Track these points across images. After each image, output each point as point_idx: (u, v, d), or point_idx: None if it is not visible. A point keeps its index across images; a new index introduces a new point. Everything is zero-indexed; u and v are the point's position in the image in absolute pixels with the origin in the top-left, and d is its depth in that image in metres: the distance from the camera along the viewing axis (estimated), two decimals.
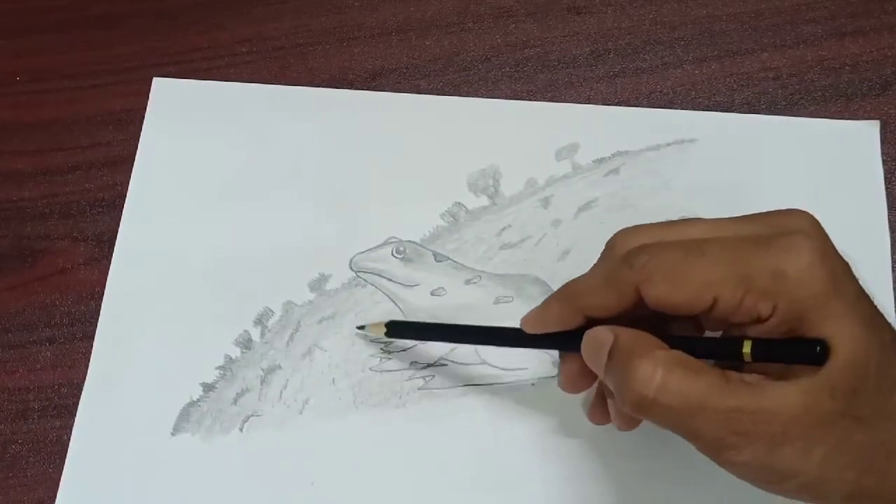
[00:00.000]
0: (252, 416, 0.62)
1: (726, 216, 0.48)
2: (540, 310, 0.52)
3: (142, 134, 0.71)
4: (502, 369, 0.62)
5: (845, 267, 0.45)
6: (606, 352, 0.47)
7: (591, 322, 0.49)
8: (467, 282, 0.65)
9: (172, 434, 0.62)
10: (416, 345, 0.63)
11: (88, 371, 0.64)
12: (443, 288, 0.65)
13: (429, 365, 0.63)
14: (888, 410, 0.43)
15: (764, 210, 0.48)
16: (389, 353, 0.63)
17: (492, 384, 0.62)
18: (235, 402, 0.63)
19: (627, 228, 0.49)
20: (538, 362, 0.62)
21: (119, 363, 0.64)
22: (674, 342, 0.46)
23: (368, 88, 0.72)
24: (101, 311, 0.66)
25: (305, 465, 0.61)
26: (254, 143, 0.70)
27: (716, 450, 0.44)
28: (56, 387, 0.64)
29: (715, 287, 0.44)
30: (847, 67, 0.71)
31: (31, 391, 0.65)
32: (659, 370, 0.44)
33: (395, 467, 0.61)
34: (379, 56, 0.73)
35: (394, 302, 0.65)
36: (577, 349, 0.50)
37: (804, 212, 0.47)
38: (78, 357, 0.65)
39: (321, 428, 0.62)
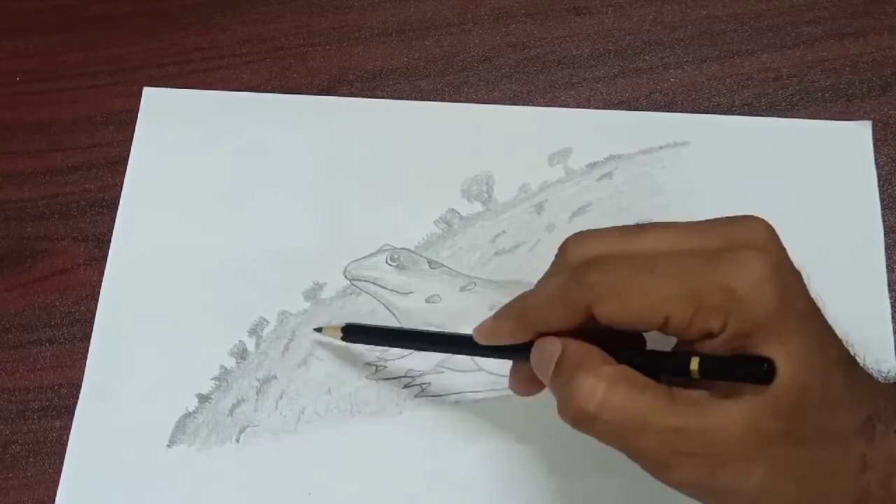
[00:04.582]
0: (248, 426, 0.62)
1: (689, 220, 0.47)
2: (492, 323, 0.51)
3: (133, 144, 0.71)
4: (500, 376, 0.62)
5: (797, 281, 0.45)
6: (554, 363, 0.46)
7: (543, 335, 0.48)
8: (462, 288, 0.65)
9: (169, 446, 0.62)
10: (411, 353, 0.63)
11: (83, 383, 0.64)
12: (438, 295, 0.65)
13: (426, 373, 0.63)
14: (831, 430, 0.43)
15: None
16: (386, 361, 0.64)
17: (489, 391, 0.62)
18: (231, 412, 0.63)
19: (580, 234, 0.48)
20: None
21: (114, 375, 0.64)
22: (622, 356, 0.46)
23: (368, 89, 0.72)
24: (94, 325, 0.66)
25: (302, 475, 0.61)
26: (247, 151, 0.70)
27: (657, 468, 0.44)
28: (56, 387, 0.65)
29: (666, 305, 0.43)
30: (847, 68, 0.71)
31: (31, 391, 0.65)
32: (601, 385, 0.44)
33: (393, 476, 0.61)
34: (379, 56, 0.73)
35: (389, 310, 0.65)
36: (529, 358, 0.49)
37: (759, 220, 0.46)
38: (78, 357, 0.65)
39: (318, 438, 0.62)
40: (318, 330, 0.63)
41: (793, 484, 0.43)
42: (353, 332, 0.61)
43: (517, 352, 0.50)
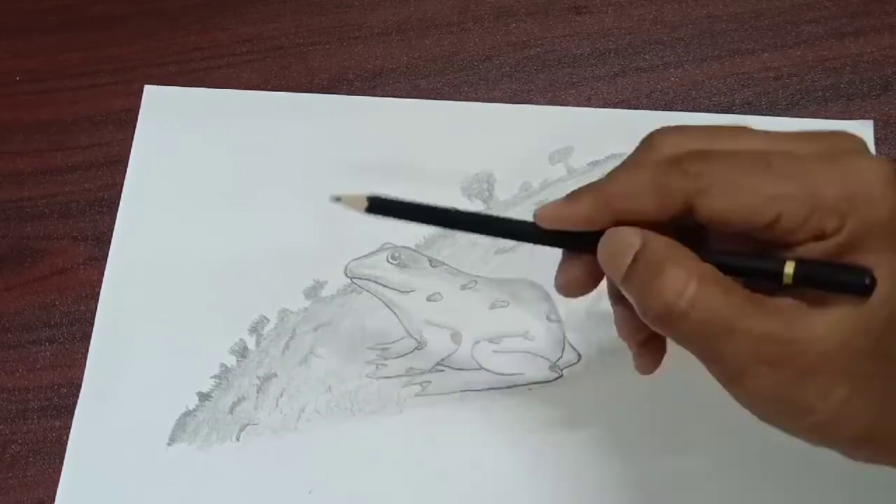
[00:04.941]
0: (248, 424, 0.62)
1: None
2: (563, 204, 0.45)
3: (133, 143, 0.71)
4: (499, 374, 0.62)
5: None
6: (631, 257, 0.42)
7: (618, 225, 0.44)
8: (463, 287, 0.65)
9: (169, 444, 0.62)
10: (412, 351, 0.63)
11: (83, 381, 0.64)
12: (439, 293, 0.65)
13: (426, 371, 0.63)
14: None
15: None
16: (386, 359, 0.63)
17: (489, 389, 0.62)
18: (231, 411, 0.63)
19: (669, 128, 0.44)
20: (535, 367, 0.62)
21: (114, 375, 0.64)
22: (707, 256, 0.42)
23: (368, 88, 0.72)
24: (95, 323, 0.66)
25: (303, 473, 0.61)
26: (247, 149, 0.70)
27: (735, 376, 0.41)
28: (55, 387, 0.65)
29: (780, 203, 0.40)
30: (847, 68, 0.71)
31: (31, 391, 0.65)
32: (693, 281, 0.40)
33: (393, 475, 0.61)
34: (379, 56, 0.73)
35: (390, 308, 0.65)
36: (589, 251, 0.44)
37: (857, 136, 0.43)
38: (77, 357, 0.65)
39: (318, 436, 0.62)
40: (337, 199, 0.53)
41: (871, 407, 0.40)
42: (379, 205, 0.53)
43: (578, 241, 0.45)
